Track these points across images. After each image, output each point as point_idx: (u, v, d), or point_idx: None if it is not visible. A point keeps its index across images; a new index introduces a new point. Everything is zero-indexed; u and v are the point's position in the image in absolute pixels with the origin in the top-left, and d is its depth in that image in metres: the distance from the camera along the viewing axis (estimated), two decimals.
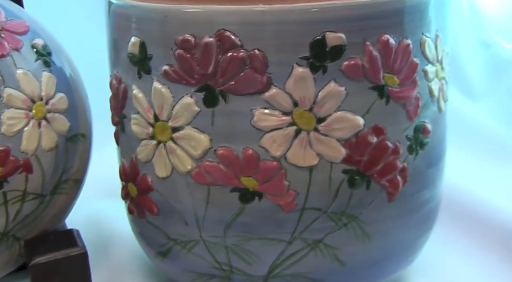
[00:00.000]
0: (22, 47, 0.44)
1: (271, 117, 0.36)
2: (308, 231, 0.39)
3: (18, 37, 0.45)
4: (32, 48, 0.45)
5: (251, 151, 0.37)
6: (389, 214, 0.40)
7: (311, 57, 0.35)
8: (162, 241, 0.42)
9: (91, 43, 0.64)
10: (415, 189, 0.41)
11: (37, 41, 0.46)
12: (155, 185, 0.41)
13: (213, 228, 0.39)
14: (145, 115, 0.39)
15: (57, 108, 0.45)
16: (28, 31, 0.46)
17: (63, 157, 0.45)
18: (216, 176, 0.38)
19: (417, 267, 0.48)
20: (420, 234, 0.44)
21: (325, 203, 0.38)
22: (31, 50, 0.45)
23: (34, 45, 0.45)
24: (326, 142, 0.37)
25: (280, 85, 0.36)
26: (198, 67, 0.36)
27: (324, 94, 0.36)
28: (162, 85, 0.38)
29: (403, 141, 0.39)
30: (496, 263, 0.51)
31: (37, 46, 0.45)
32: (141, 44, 0.38)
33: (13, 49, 0.44)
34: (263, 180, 0.37)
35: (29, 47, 0.45)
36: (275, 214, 0.38)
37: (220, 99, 0.37)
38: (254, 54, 0.35)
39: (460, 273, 0.49)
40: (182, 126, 0.38)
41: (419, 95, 0.39)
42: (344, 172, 0.38)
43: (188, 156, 0.38)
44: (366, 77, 0.37)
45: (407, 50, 0.38)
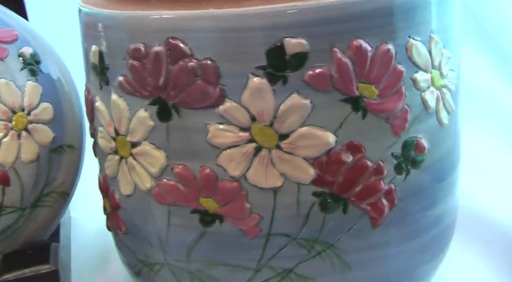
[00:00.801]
0: (7, 56, 0.43)
1: (227, 134, 0.33)
2: (276, 259, 0.35)
3: (3, 46, 0.43)
4: (19, 57, 0.44)
5: (209, 170, 0.33)
6: (376, 242, 0.36)
7: (269, 66, 0.31)
8: (133, 261, 0.39)
9: None
10: (411, 211, 0.36)
11: (25, 50, 0.44)
12: (122, 202, 0.38)
13: (176, 251, 0.36)
14: (107, 128, 0.37)
15: (40, 118, 0.43)
16: (17, 39, 0.44)
17: (45, 169, 0.43)
18: (175, 196, 0.35)
19: None
20: (421, 262, 0.38)
21: (294, 228, 0.34)
22: (17, 59, 0.44)
23: (21, 54, 0.44)
24: (291, 160, 0.33)
25: (236, 98, 0.32)
26: (150, 79, 0.33)
27: (286, 108, 0.32)
28: (119, 97, 0.35)
29: (388, 159, 0.34)
30: None
31: (25, 54, 0.44)
32: (99, 54, 0.36)
33: None
34: (223, 201, 0.34)
35: (16, 56, 0.44)
36: (238, 239, 0.35)
37: (173, 113, 0.33)
38: (205, 64, 0.32)
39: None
40: (139, 141, 0.35)
41: (407, 107, 0.34)
42: (314, 195, 0.33)
43: (147, 173, 0.35)
44: (335, 88, 0.32)
45: (387, 56, 0.33)
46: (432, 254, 0.39)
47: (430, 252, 0.39)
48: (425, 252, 0.38)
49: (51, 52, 0.46)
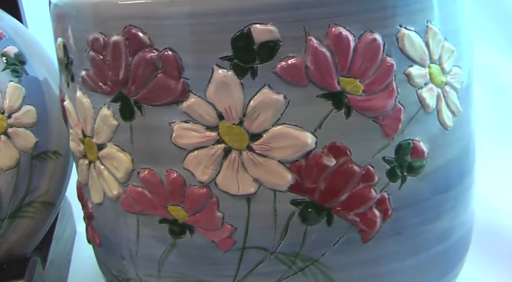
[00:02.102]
0: None
1: (193, 133, 0.29)
2: (253, 276, 0.31)
3: None
4: (2, 56, 0.41)
5: (176, 175, 0.30)
6: (368, 258, 0.31)
7: (235, 57, 0.28)
8: (109, 276, 0.36)
9: None
10: (408, 224, 0.32)
11: (9, 49, 0.42)
12: (94, 211, 0.35)
13: (147, 266, 0.33)
14: (75, 129, 0.34)
15: (22, 122, 0.41)
16: (1, 38, 0.42)
17: (26, 176, 0.41)
18: (142, 204, 0.31)
19: None
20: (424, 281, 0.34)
21: (272, 241, 0.30)
22: (0, 58, 0.41)
23: (4, 53, 0.42)
24: (265, 164, 0.29)
25: (200, 93, 0.29)
26: (110, 72, 0.30)
27: (256, 104, 0.28)
28: (83, 95, 0.32)
29: (379, 164, 0.30)
30: None
31: (8, 54, 0.42)
32: (63, 47, 0.33)
33: None
34: (192, 210, 0.30)
35: None
36: (211, 253, 0.31)
37: (135, 110, 0.30)
38: (166, 55, 0.29)
39: None
40: (104, 143, 0.32)
41: (400, 106, 0.30)
42: (293, 203, 0.30)
43: (114, 178, 0.32)
44: (312, 81, 0.28)
45: (373, 46, 0.29)
46: (437, 273, 0.35)
47: (435, 271, 0.34)
48: (427, 271, 0.34)
49: (40, 54, 0.44)
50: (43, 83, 0.43)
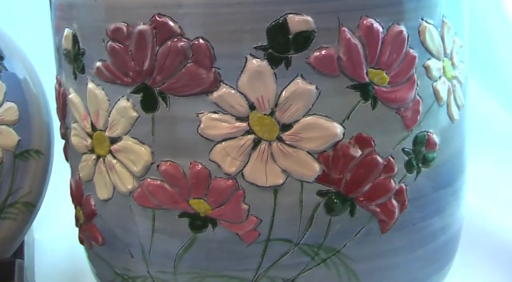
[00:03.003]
0: None
1: (222, 124, 0.29)
2: (276, 268, 0.31)
3: None
4: None
5: (200, 167, 0.29)
6: (385, 249, 0.32)
7: (270, 46, 0.28)
8: (110, 276, 0.35)
9: None
10: (420, 216, 0.33)
11: None
12: (98, 209, 0.34)
13: (162, 262, 0.32)
14: (82, 123, 0.33)
15: (4, 119, 0.39)
16: None
17: (9, 176, 0.39)
18: (161, 198, 0.31)
19: None
20: (429, 272, 0.35)
21: (296, 232, 0.30)
22: None
23: None
24: (294, 155, 0.29)
25: (232, 83, 0.28)
26: (133, 63, 0.29)
27: (289, 94, 0.28)
28: (97, 87, 0.31)
29: (399, 155, 0.31)
30: None
31: None
32: (73, 37, 0.32)
33: None
34: (216, 203, 0.30)
35: None
36: (234, 246, 0.30)
37: (160, 101, 0.29)
38: (198, 44, 0.28)
39: None
40: (120, 136, 0.31)
41: (419, 98, 0.31)
42: (319, 194, 0.30)
43: (129, 172, 0.31)
44: (343, 72, 0.29)
45: (400, 38, 0.29)
46: (440, 264, 0.36)
47: (438, 262, 0.35)
48: (433, 262, 0.35)
49: (17, 51, 0.42)
50: (22, 81, 0.41)
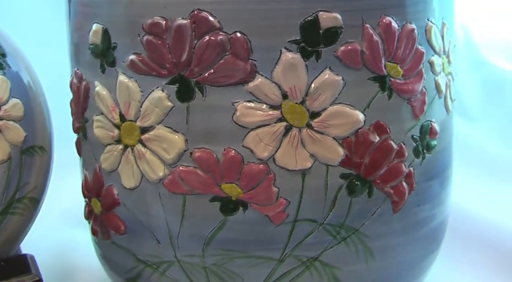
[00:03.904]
0: None
1: (256, 112, 0.31)
2: (301, 247, 0.33)
3: None
4: None
5: (234, 153, 0.31)
6: (394, 228, 0.35)
7: (302, 41, 0.30)
8: (131, 264, 0.36)
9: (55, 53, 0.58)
10: (425, 197, 0.36)
11: None
12: (122, 198, 0.35)
13: (190, 246, 0.34)
14: (110, 115, 0.34)
15: (11, 115, 0.39)
16: None
17: (17, 171, 0.39)
18: (193, 184, 0.32)
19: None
20: (426, 254, 0.38)
21: (321, 213, 0.33)
22: None
23: None
24: (322, 140, 0.31)
25: (267, 74, 0.31)
26: (170, 55, 0.31)
27: (318, 85, 0.31)
28: (129, 79, 0.33)
29: (408, 141, 0.34)
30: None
31: None
32: (104, 32, 0.33)
33: None
34: (248, 186, 0.32)
35: None
36: (262, 228, 0.33)
37: (196, 92, 0.31)
38: (236, 38, 0.30)
39: None
40: (152, 125, 0.33)
41: (425, 90, 0.34)
42: (342, 177, 0.32)
43: (160, 160, 0.33)
44: (365, 65, 0.32)
45: (412, 36, 0.33)
46: (437, 244, 0.39)
47: (435, 242, 0.39)
48: (432, 241, 0.38)
49: (17, 49, 0.43)
50: (24, 78, 0.42)
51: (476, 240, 0.51)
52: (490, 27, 0.84)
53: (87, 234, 0.52)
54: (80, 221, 0.54)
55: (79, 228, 0.54)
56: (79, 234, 0.53)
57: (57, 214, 0.54)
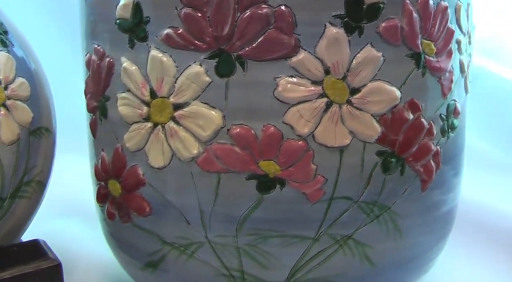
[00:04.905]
0: None
1: (299, 87, 0.31)
2: (336, 225, 0.33)
3: None
4: None
5: (273, 129, 0.31)
6: (420, 207, 0.35)
7: (347, 15, 0.30)
8: (154, 247, 0.35)
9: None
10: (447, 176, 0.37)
11: None
12: (148, 178, 0.34)
13: (223, 226, 0.33)
14: (139, 92, 0.33)
15: (18, 94, 0.37)
16: None
17: (25, 153, 0.37)
18: (229, 161, 0.32)
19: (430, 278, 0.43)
20: (441, 236, 0.38)
21: (356, 191, 0.33)
22: None
23: None
24: (360, 117, 0.31)
25: (310, 49, 0.30)
26: (211, 29, 0.30)
27: (360, 60, 0.31)
28: (163, 54, 0.32)
29: (437, 120, 0.34)
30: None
31: None
32: (134, 6, 0.32)
33: None
34: (286, 163, 0.31)
35: None
36: (299, 206, 0.32)
37: (237, 66, 0.31)
38: (280, 12, 0.30)
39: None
40: (187, 102, 0.32)
41: (452, 69, 0.35)
42: (378, 154, 0.32)
43: (194, 138, 0.32)
44: (404, 42, 0.32)
45: (445, 14, 0.33)
46: (448, 228, 0.39)
47: (448, 226, 0.39)
48: (445, 225, 0.39)
49: (15, 28, 0.41)
50: (26, 57, 0.40)
51: (484, 229, 0.52)
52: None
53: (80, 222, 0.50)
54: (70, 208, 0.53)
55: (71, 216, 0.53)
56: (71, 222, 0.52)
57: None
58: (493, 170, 0.66)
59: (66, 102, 0.49)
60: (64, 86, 0.52)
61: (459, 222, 0.42)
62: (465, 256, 0.49)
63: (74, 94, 0.52)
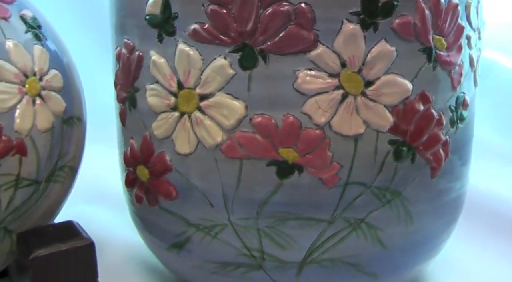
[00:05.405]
0: (11, 17, 0.39)
1: (317, 80, 0.33)
2: (350, 209, 0.35)
3: (4, 6, 0.39)
4: (21, 19, 0.40)
5: (292, 118, 0.33)
6: (430, 193, 0.37)
7: (363, 12, 0.32)
8: (180, 229, 0.37)
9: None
10: (455, 165, 0.39)
11: (25, 12, 0.41)
12: (175, 163, 0.36)
13: (244, 209, 0.35)
14: (167, 83, 0.35)
15: (52, 85, 0.40)
16: (15, 0, 0.40)
17: (59, 140, 0.40)
18: (251, 148, 0.34)
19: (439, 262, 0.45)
20: (449, 223, 0.40)
21: (369, 177, 0.35)
22: (20, 21, 0.40)
23: (22, 16, 0.40)
24: (374, 108, 0.33)
25: (328, 44, 0.32)
26: (235, 25, 0.33)
27: (374, 55, 0.33)
28: (190, 47, 0.34)
29: (446, 111, 0.36)
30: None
31: (26, 17, 0.40)
32: (164, 3, 0.34)
33: (0, 18, 0.39)
34: (304, 151, 0.34)
35: (18, 17, 0.40)
36: (316, 190, 0.34)
37: (259, 60, 0.33)
38: (301, 9, 0.32)
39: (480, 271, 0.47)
40: (212, 93, 0.34)
41: (462, 63, 0.37)
42: (390, 143, 0.34)
43: (218, 126, 0.34)
44: (417, 37, 0.34)
45: (456, 11, 0.35)
46: (456, 215, 0.41)
47: (456, 213, 0.41)
48: (453, 212, 0.41)
49: (45, 19, 0.43)
50: (59, 50, 0.42)
51: (493, 216, 0.54)
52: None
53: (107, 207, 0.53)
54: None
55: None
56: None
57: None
58: (503, 160, 0.68)
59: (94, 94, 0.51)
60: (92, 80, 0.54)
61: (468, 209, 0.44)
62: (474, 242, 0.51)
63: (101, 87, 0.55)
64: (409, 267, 0.39)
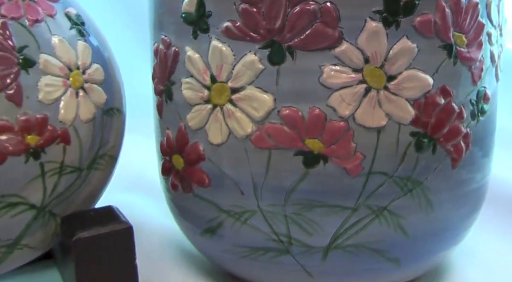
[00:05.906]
0: (56, 14, 0.42)
1: (341, 75, 0.35)
2: (373, 197, 0.37)
3: (51, 4, 0.42)
4: (66, 16, 0.43)
5: (318, 111, 0.35)
6: (451, 183, 0.39)
7: (385, 11, 0.34)
8: (212, 215, 0.40)
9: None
10: (477, 156, 0.40)
11: (70, 10, 0.43)
12: (208, 153, 0.38)
13: (273, 197, 0.37)
14: (201, 77, 0.37)
15: (94, 79, 0.42)
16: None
17: (99, 130, 0.42)
18: (279, 139, 0.36)
19: (462, 250, 0.46)
20: (472, 209, 0.42)
21: (392, 167, 0.37)
22: (65, 18, 0.43)
23: (67, 13, 0.43)
24: (396, 101, 0.35)
25: (352, 41, 0.34)
26: (265, 22, 0.35)
27: (396, 51, 0.35)
28: (222, 44, 0.36)
29: (467, 105, 0.38)
30: None
31: (71, 14, 0.43)
32: (198, 1, 0.37)
33: (47, 15, 0.41)
34: (329, 141, 0.36)
35: (63, 14, 0.43)
36: (340, 179, 0.36)
37: (287, 55, 0.35)
38: (326, 7, 0.34)
39: (503, 259, 0.48)
40: (243, 86, 0.36)
41: (482, 59, 0.38)
42: (411, 135, 0.36)
43: (249, 118, 0.36)
44: (437, 34, 0.35)
45: (476, 9, 0.37)
46: (478, 205, 0.43)
47: (478, 203, 0.43)
48: (478, 198, 0.42)
49: (88, 16, 0.46)
50: (101, 45, 0.45)
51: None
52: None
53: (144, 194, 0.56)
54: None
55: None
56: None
57: None
58: None
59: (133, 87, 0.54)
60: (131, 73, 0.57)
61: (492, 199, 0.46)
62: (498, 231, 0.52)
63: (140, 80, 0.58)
64: (431, 254, 0.41)
